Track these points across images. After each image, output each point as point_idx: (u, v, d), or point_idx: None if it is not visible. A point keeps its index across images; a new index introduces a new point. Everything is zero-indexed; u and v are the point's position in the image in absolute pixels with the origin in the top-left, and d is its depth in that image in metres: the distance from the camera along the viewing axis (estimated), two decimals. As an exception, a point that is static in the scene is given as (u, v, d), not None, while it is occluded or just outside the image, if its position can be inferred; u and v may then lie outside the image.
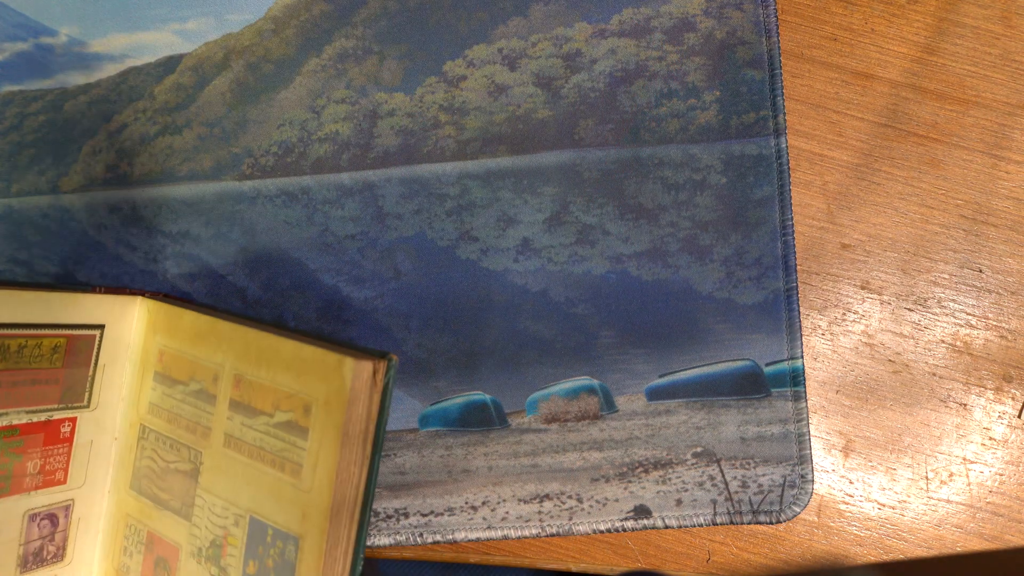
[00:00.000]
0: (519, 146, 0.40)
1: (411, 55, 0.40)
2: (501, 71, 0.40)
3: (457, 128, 0.40)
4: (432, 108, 0.40)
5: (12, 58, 0.40)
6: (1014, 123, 0.41)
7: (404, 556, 0.41)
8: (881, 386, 0.41)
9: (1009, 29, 0.41)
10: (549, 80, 0.40)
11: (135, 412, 0.36)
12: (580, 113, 0.40)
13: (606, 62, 0.40)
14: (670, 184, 0.40)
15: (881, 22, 0.41)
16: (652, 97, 0.40)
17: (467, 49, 0.40)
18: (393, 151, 0.40)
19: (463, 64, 0.40)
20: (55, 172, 0.40)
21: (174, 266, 0.40)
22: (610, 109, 0.40)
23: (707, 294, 0.40)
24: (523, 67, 0.40)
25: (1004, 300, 0.41)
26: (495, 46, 0.40)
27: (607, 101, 0.40)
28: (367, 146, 0.40)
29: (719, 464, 0.40)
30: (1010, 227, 0.41)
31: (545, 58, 0.40)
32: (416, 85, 0.40)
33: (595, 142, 0.40)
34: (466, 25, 0.40)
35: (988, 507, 0.41)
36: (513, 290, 0.40)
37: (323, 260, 0.40)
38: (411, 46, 0.40)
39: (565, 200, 0.40)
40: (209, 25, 0.40)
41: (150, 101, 0.40)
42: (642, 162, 0.40)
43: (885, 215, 0.41)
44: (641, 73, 0.40)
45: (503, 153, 0.40)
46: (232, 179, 0.40)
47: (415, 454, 0.40)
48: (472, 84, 0.40)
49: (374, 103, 0.40)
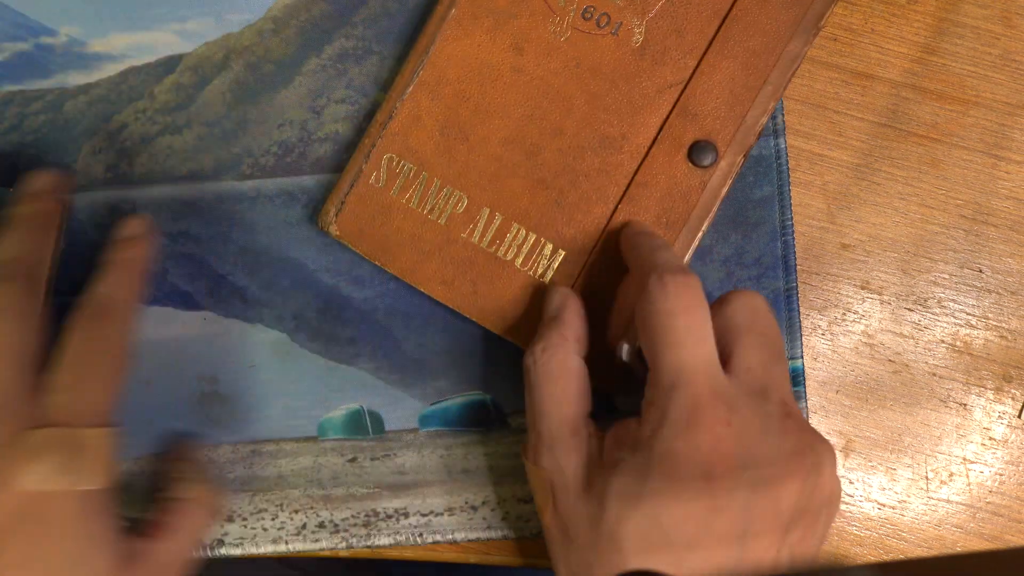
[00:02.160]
0: (519, 146, 0.40)
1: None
2: (501, 71, 0.40)
3: (457, 128, 0.40)
4: (432, 108, 0.40)
5: (12, 58, 0.40)
6: (1014, 123, 0.41)
7: (404, 556, 0.41)
8: (881, 386, 0.41)
9: (1009, 29, 0.41)
10: (549, 80, 0.40)
11: None
12: (580, 113, 0.40)
13: (606, 62, 0.40)
14: (670, 184, 0.40)
15: (881, 22, 0.41)
16: (652, 97, 0.40)
17: (467, 49, 0.40)
18: (393, 151, 0.40)
19: (463, 64, 0.40)
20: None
21: (174, 266, 0.40)
22: (610, 109, 0.40)
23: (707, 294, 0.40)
24: (523, 67, 0.40)
25: (1004, 300, 0.41)
26: (495, 46, 0.40)
27: (607, 101, 0.40)
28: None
29: (719, 464, 0.40)
30: (1010, 227, 0.41)
31: (545, 58, 0.40)
32: (416, 85, 0.40)
33: (595, 142, 0.40)
34: (466, 25, 0.40)
35: (988, 507, 0.41)
36: (513, 290, 0.40)
37: (323, 260, 0.40)
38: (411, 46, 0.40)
39: (565, 200, 0.40)
40: (209, 25, 0.40)
41: (150, 101, 0.40)
42: (642, 162, 0.40)
43: (885, 215, 0.41)
44: (641, 73, 0.40)
45: (503, 153, 0.40)
46: (232, 179, 0.40)
47: (415, 454, 0.40)
48: (472, 84, 0.40)
49: (374, 103, 0.40)
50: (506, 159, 0.38)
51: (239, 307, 0.40)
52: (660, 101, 0.38)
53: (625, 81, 0.38)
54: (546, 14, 0.38)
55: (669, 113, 0.38)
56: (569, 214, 0.38)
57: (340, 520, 0.40)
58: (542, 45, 0.38)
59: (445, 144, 0.38)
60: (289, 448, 0.40)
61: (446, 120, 0.38)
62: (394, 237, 0.38)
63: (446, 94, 0.38)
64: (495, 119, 0.38)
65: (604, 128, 0.38)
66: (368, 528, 0.40)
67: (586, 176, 0.38)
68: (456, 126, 0.38)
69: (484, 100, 0.38)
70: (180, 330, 0.40)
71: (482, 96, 0.38)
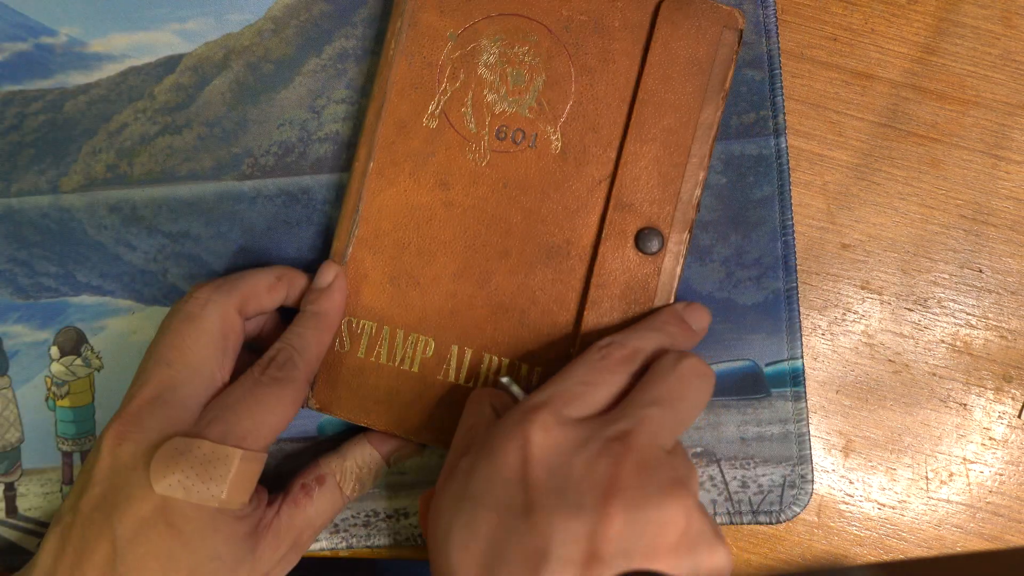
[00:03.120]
0: (519, 146, 0.40)
1: (411, 55, 0.40)
2: (501, 71, 0.40)
3: (457, 128, 0.40)
4: (432, 108, 0.40)
5: (12, 58, 0.40)
6: (1014, 123, 0.41)
7: (404, 556, 0.41)
8: (881, 386, 0.41)
9: (1009, 29, 0.41)
10: (549, 80, 0.40)
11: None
12: (580, 113, 0.40)
13: (606, 62, 0.40)
14: (670, 184, 0.40)
15: (881, 22, 0.41)
16: (652, 97, 0.40)
17: (467, 49, 0.40)
18: (393, 151, 0.40)
19: (463, 64, 0.40)
20: (55, 172, 0.40)
21: (174, 266, 0.40)
22: (610, 109, 0.40)
23: (707, 294, 0.40)
24: (523, 67, 0.40)
25: (1004, 300, 0.41)
26: (495, 46, 0.40)
27: (607, 101, 0.40)
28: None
29: (719, 464, 0.40)
30: (1010, 227, 0.41)
31: (545, 58, 0.40)
32: (416, 85, 0.40)
33: (595, 142, 0.40)
34: (466, 25, 0.40)
35: (988, 507, 0.41)
36: (513, 290, 0.40)
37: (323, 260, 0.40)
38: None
39: (565, 200, 0.40)
40: (209, 25, 0.40)
41: (150, 101, 0.40)
42: (642, 162, 0.40)
43: (885, 215, 0.41)
44: (641, 73, 0.40)
45: (503, 153, 0.40)
46: (232, 179, 0.40)
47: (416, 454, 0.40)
48: (472, 84, 0.40)
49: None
50: (461, 293, 0.38)
51: (239, 307, 0.40)
52: (594, 200, 0.38)
53: (555, 189, 0.38)
54: (462, 144, 0.38)
55: (605, 209, 0.38)
56: (535, 331, 0.38)
57: (340, 520, 0.40)
58: (466, 175, 0.38)
59: (398, 293, 0.38)
60: (289, 448, 0.40)
61: (393, 270, 0.38)
62: (372, 396, 0.38)
63: (386, 245, 0.38)
64: (440, 257, 0.38)
65: (547, 239, 0.38)
66: (368, 528, 0.40)
67: (542, 290, 0.38)
68: (404, 273, 0.38)
69: (424, 242, 0.38)
70: (180, 330, 0.40)
71: (421, 239, 0.38)
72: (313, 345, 0.36)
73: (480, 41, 0.38)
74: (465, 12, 0.38)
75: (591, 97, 0.38)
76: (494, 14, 0.38)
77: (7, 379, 0.41)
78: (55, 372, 0.41)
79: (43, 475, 0.41)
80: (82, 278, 0.41)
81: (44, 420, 0.41)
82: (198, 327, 0.34)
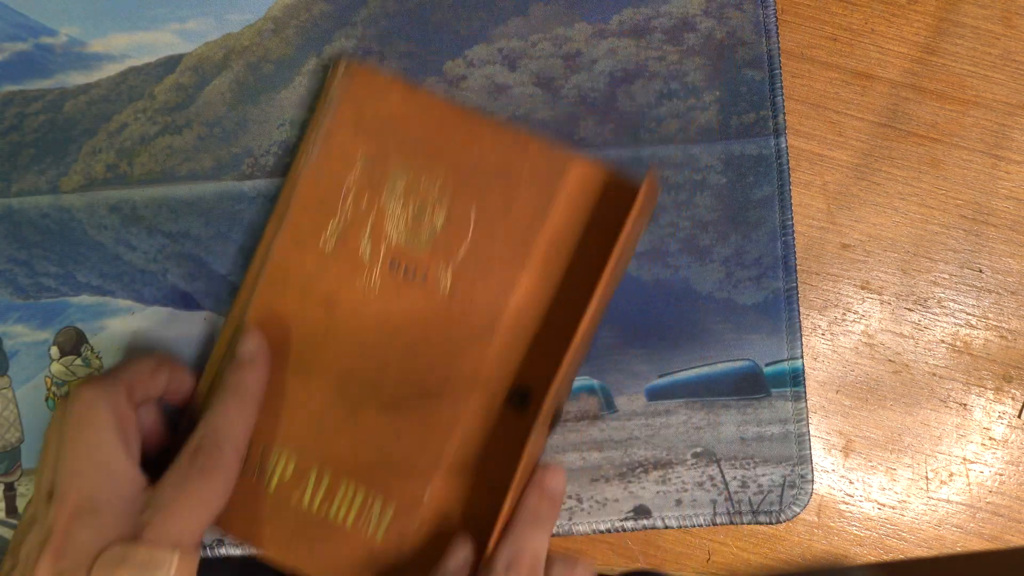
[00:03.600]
0: (519, 146, 0.40)
1: (411, 55, 0.40)
2: (501, 71, 0.40)
3: (457, 128, 0.40)
4: (432, 108, 0.40)
5: (12, 58, 0.40)
6: (1014, 123, 0.41)
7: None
8: (881, 386, 0.41)
9: (1009, 29, 0.41)
10: (549, 80, 0.40)
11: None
12: (580, 113, 0.40)
13: (606, 62, 0.40)
14: (670, 184, 0.40)
15: (881, 22, 0.41)
16: (652, 97, 0.40)
17: (467, 49, 0.40)
18: (393, 151, 0.40)
19: (463, 64, 0.40)
20: (55, 172, 0.40)
21: (174, 266, 0.40)
22: (610, 109, 0.40)
23: (707, 294, 0.40)
24: (523, 67, 0.40)
25: (1004, 300, 0.41)
26: (495, 46, 0.40)
27: (607, 101, 0.40)
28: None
29: (719, 464, 0.40)
30: (1010, 227, 0.41)
31: (545, 58, 0.40)
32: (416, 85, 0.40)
33: (595, 142, 0.40)
34: (466, 25, 0.40)
35: (988, 507, 0.41)
36: (513, 290, 0.40)
37: (323, 260, 0.40)
38: (411, 46, 0.40)
39: (565, 200, 0.40)
40: (209, 25, 0.40)
41: (150, 101, 0.40)
42: (642, 162, 0.40)
43: (885, 215, 0.41)
44: (641, 73, 0.40)
45: (503, 153, 0.40)
46: (232, 179, 0.40)
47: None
48: (472, 84, 0.40)
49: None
50: (329, 417, 0.37)
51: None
52: (474, 347, 0.37)
53: (437, 330, 0.37)
54: (354, 270, 0.37)
55: (484, 358, 0.37)
56: (395, 468, 0.37)
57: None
58: (353, 301, 0.37)
59: (269, 407, 0.37)
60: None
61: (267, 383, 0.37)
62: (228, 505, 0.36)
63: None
64: (315, 379, 0.37)
65: (422, 379, 0.37)
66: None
67: (409, 429, 0.37)
68: (278, 389, 0.38)
69: (302, 361, 0.38)
70: (180, 330, 0.40)
71: (299, 357, 0.37)
72: (238, 423, 0.35)
73: (389, 170, 0.37)
74: (379, 138, 0.37)
75: (487, 243, 0.37)
76: (406, 145, 0.37)
77: (7, 379, 0.41)
78: (55, 372, 0.41)
79: (43, 475, 0.41)
80: (82, 278, 0.41)
81: (44, 420, 0.41)
82: (93, 428, 0.33)
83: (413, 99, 0.37)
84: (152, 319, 0.40)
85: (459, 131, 0.37)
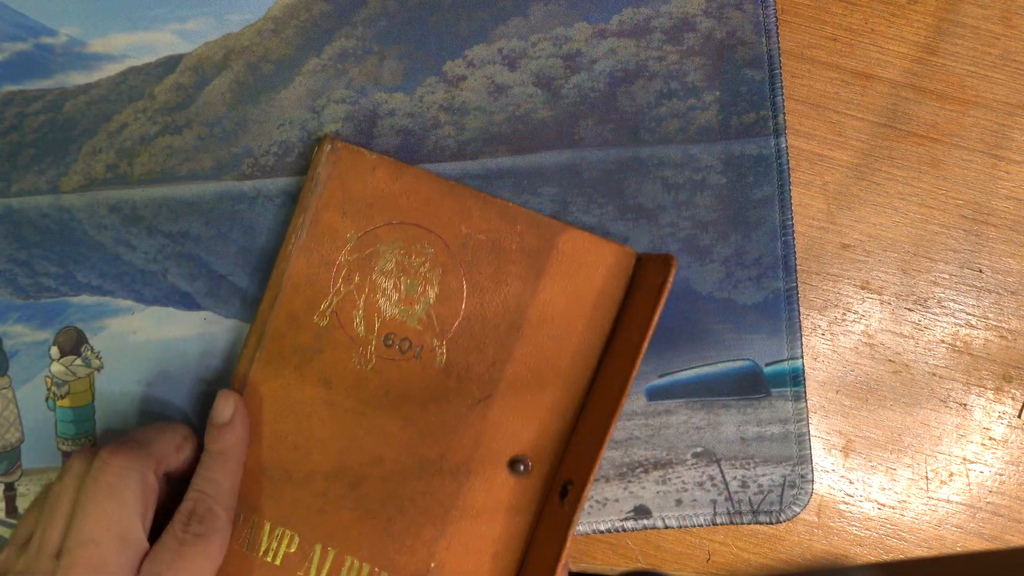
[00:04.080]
0: (519, 146, 0.40)
1: (411, 55, 0.40)
2: (501, 71, 0.40)
3: (457, 128, 0.40)
4: (432, 108, 0.40)
5: (12, 58, 0.40)
6: (1014, 123, 0.41)
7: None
8: (881, 386, 0.41)
9: (1009, 29, 0.41)
10: (549, 80, 0.40)
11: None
12: (580, 113, 0.40)
13: (606, 62, 0.40)
14: (670, 184, 0.40)
15: (881, 22, 0.41)
16: (652, 97, 0.40)
17: (467, 49, 0.40)
18: (393, 151, 0.40)
19: (463, 64, 0.40)
20: (55, 172, 0.40)
21: (174, 266, 0.40)
22: (610, 109, 0.40)
23: (707, 294, 0.40)
24: (523, 67, 0.40)
25: (1004, 300, 0.41)
26: (495, 46, 0.40)
27: (607, 101, 0.40)
28: (367, 146, 0.40)
29: (719, 464, 0.40)
30: (1010, 227, 0.41)
31: (545, 58, 0.40)
32: (416, 85, 0.40)
33: (595, 142, 0.40)
34: (466, 25, 0.40)
35: (988, 507, 0.41)
36: (513, 290, 0.40)
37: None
38: (411, 46, 0.40)
39: (565, 200, 0.40)
40: (209, 25, 0.40)
41: (150, 101, 0.40)
42: (642, 162, 0.40)
43: (885, 215, 0.41)
44: (641, 73, 0.40)
45: (503, 153, 0.40)
46: (232, 179, 0.40)
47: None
48: (472, 84, 0.40)
49: (374, 103, 0.40)
50: (331, 493, 0.38)
51: (239, 307, 0.40)
52: (472, 418, 0.38)
53: (435, 402, 0.38)
54: (349, 346, 0.38)
55: (483, 428, 0.38)
56: (400, 540, 0.38)
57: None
58: (350, 377, 0.38)
59: (270, 485, 0.38)
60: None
61: (267, 461, 0.38)
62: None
63: (263, 435, 0.38)
64: (315, 455, 0.38)
65: (422, 451, 0.38)
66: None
67: (411, 500, 0.38)
68: (278, 466, 0.38)
69: (301, 437, 0.38)
70: (180, 330, 0.40)
71: (299, 434, 0.38)
72: (226, 486, 0.36)
73: (379, 246, 0.38)
74: (367, 216, 0.38)
75: (480, 316, 0.38)
76: (395, 221, 0.38)
77: (7, 379, 0.41)
78: (55, 372, 0.41)
79: (43, 475, 0.41)
80: (82, 278, 0.41)
81: (44, 420, 0.41)
82: (120, 501, 0.34)
83: (400, 176, 0.38)
84: (152, 319, 0.40)
85: (447, 206, 0.38)
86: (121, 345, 0.40)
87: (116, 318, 0.41)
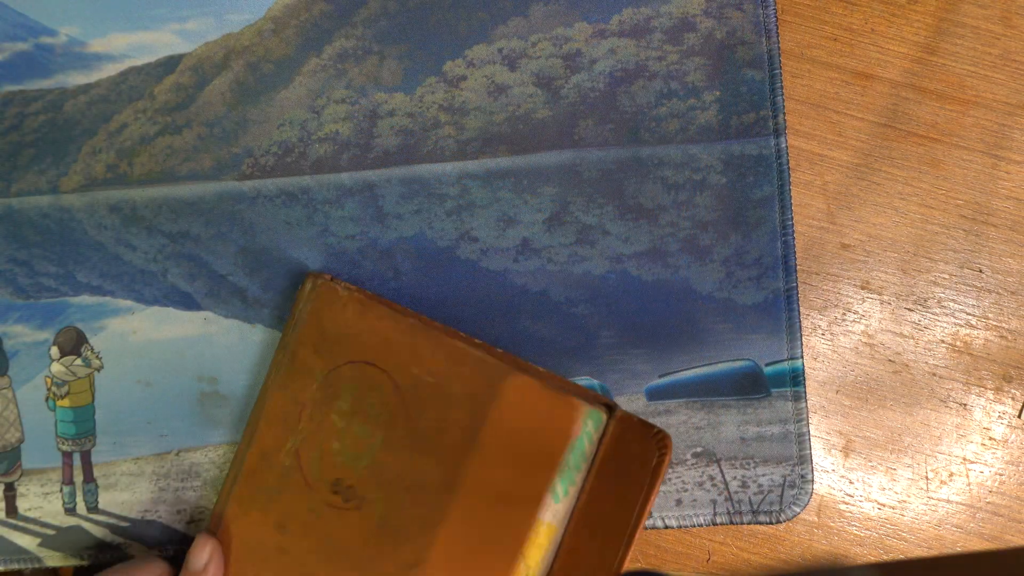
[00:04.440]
0: (519, 146, 0.40)
1: (411, 55, 0.40)
2: (501, 71, 0.40)
3: (457, 128, 0.40)
4: (432, 108, 0.40)
5: (12, 58, 0.40)
6: (1014, 123, 0.41)
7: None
8: (881, 386, 0.41)
9: (1009, 29, 0.41)
10: (549, 80, 0.40)
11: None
12: (580, 113, 0.40)
13: (606, 62, 0.40)
14: (670, 184, 0.40)
15: (881, 22, 0.41)
16: (652, 97, 0.40)
17: (467, 49, 0.40)
18: (393, 151, 0.40)
19: (463, 64, 0.40)
20: (55, 172, 0.40)
21: (174, 266, 0.41)
22: (610, 109, 0.40)
23: (707, 294, 0.40)
24: (523, 67, 0.40)
25: (1004, 300, 0.41)
26: (495, 46, 0.40)
27: (607, 101, 0.40)
28: (367, 146, 0.40)
29: (719, 464, 0.40)
30: (1010, 227, 0.41)
31: (545, 58, 0.40)
32: (416, 85, 0.40)
33: (595, 142, 0.40)
34: (466, 25, 0.40)
35: (988, 507, 0.41)
36: (513, 290, 0.40)
37: (323, 260, 0.40)
38: (411, 46, 0.40)
39: (565, 200, 0.40)
40: (209, 25, 0.40)
41: (150, 101, 0.40)
42: (642, 162, 0.40)
43: (885, 215, 0.41)
44: (641, 73, 0.40)
45: (503, 153, 0.40)
46: (232, 179, 0.40)
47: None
48: (472, 84, 0.40)
49: (374, 103, 0.40)
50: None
51: (239, 307, 0.40)
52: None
53: (369, 561, 0.35)
54: (303, 490, 0.36)
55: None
56: None
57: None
58: (300, 523, 0.36)
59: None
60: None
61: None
62: None
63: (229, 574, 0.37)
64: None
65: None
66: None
67: None
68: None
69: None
70: (180, 330, 0.40)
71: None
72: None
73: (341, 386, 0.37)
74: (334, 355, 0.37)
75: (419, 469, 0.35)
76: (356, 360, 0.36)
77: (7, 379, 0.41)
78: (55, 372, 0.41)
79: (43, 475, 0.41)
80: (82, 278, 0.41)
81: (44, 420, 0.41)
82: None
83: (365, 314, 0.37)
84: (152, 319, 0.40)
85: (403, 348, 0.36)
86: (121, 345, 0.41)
87: (116, 318, 0.41)
